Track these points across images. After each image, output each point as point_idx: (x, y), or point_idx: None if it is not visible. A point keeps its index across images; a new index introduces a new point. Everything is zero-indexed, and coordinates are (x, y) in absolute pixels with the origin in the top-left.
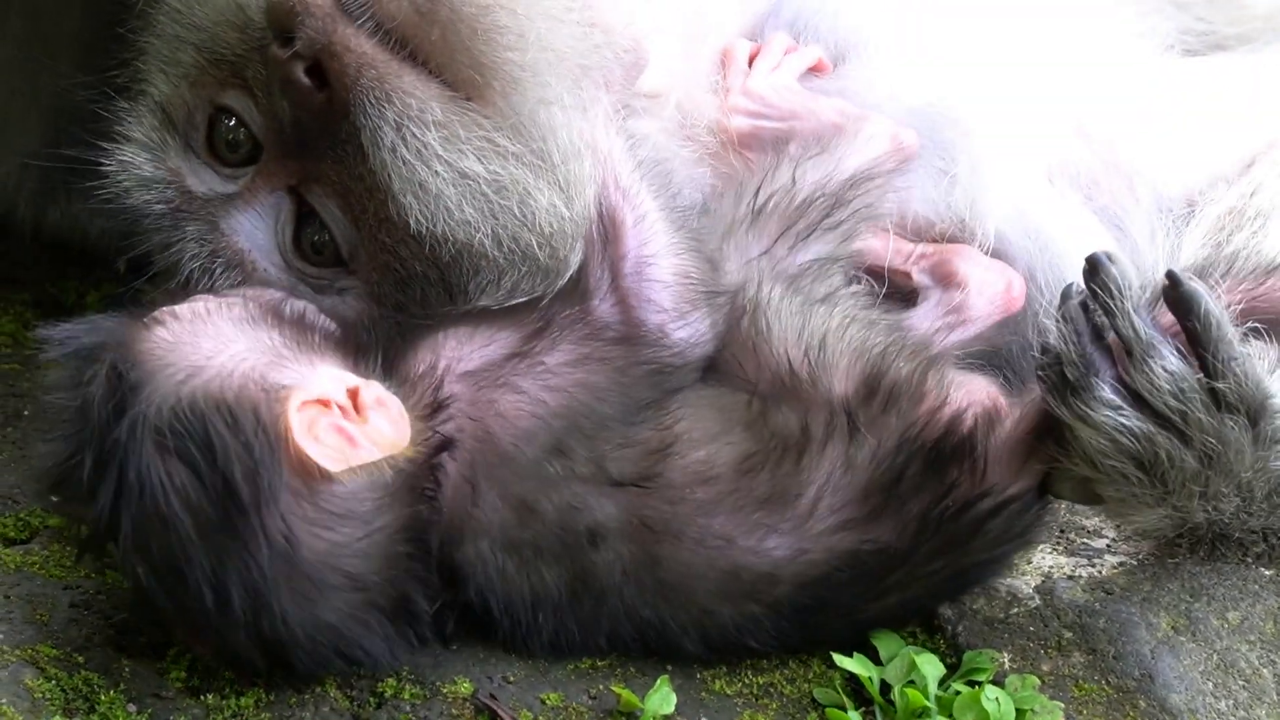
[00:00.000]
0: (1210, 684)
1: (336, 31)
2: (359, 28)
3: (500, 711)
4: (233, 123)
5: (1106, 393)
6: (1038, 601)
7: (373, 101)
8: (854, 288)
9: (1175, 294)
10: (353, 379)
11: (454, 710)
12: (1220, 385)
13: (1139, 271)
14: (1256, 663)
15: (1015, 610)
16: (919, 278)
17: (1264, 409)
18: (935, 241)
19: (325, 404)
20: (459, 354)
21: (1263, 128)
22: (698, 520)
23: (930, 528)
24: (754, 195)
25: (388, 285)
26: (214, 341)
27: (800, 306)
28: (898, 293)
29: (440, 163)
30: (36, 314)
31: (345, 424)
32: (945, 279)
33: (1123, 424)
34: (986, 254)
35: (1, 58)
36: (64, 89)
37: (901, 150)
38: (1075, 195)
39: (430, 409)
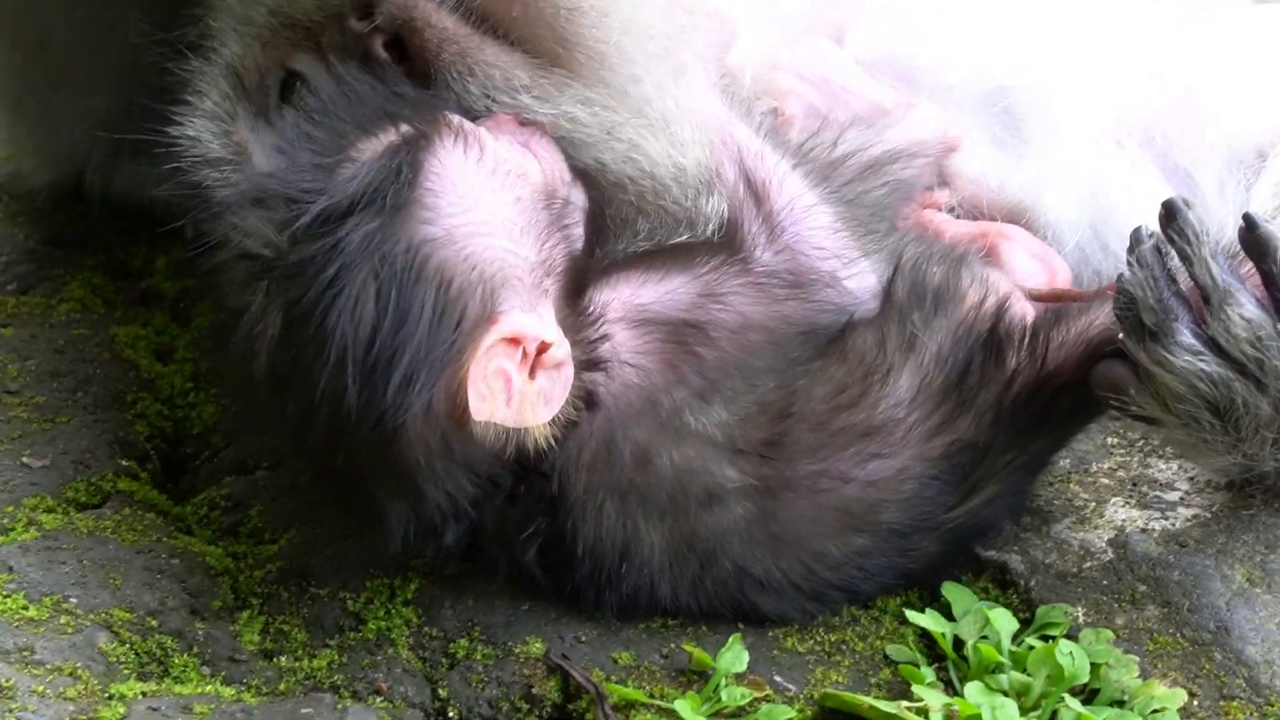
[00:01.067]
0: None
1: (417, 7)
2: (440, 3)
3: (572, 672)
4: (305, 89)
5: (1187, 338)
6: (1111, 555)
7: (455, 75)
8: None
9: (1251, 236)
10: (553, 332)
11: (526, 670)
12: None
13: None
14: None
15: (1088, 564)
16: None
17: None
18: (993, 219)
19: (515, 342)
20: (630, 296)
21: None
22: (809, 467)
23: (1004, 416)
24: (797, 146)
25: None
26: (481, 214)
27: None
28: None
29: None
30: (105, 279)
31: (515, 376)
32: (993, 262)
33: (1202, 369)
34: (1040, 234)
35: (78, 19)
36: (133, 49)
37: (947, 142)
38: (1145, 155)
39: (589, 362)
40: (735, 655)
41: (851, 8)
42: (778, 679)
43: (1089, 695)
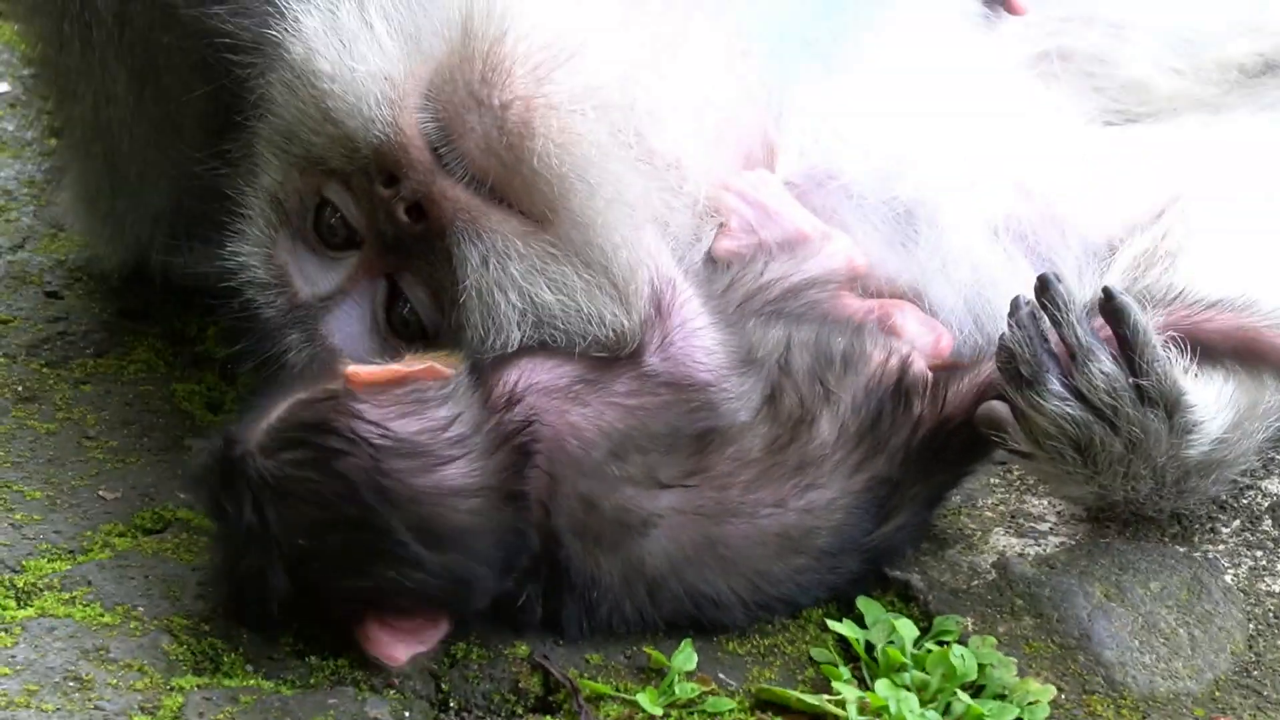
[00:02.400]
0: (1137, 642)
1: (435, 184)
2: (454, 179)
3: (552, 670)
4: (336, 217)
5: (1056, 387)
6: (994, 575)
7: (465, 238)
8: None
9: (1110, 305)
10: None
11: (513, 668)
12: (1145, 383)
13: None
14: (1174, 623)
15: (975, 582)
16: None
17: (1179, 404)
18: (892, 296)
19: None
20: (536, 372)
21: (1169, 184)
22: (748, 497)
23: (912, 455)
24: (729, 274)
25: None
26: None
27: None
28: None
29: (518, 293)
30: (166, 345)
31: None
32: (888, 330)
33: (1068, 413)
34: (928, 310)
35: (139, 135)
36: (185, 156)
37: (854, 270)
38: (1016, 249)
39: (505, 403)
40: (686, 656)
41: (782, 134)
42: (721, 676)
43: (976, 690)
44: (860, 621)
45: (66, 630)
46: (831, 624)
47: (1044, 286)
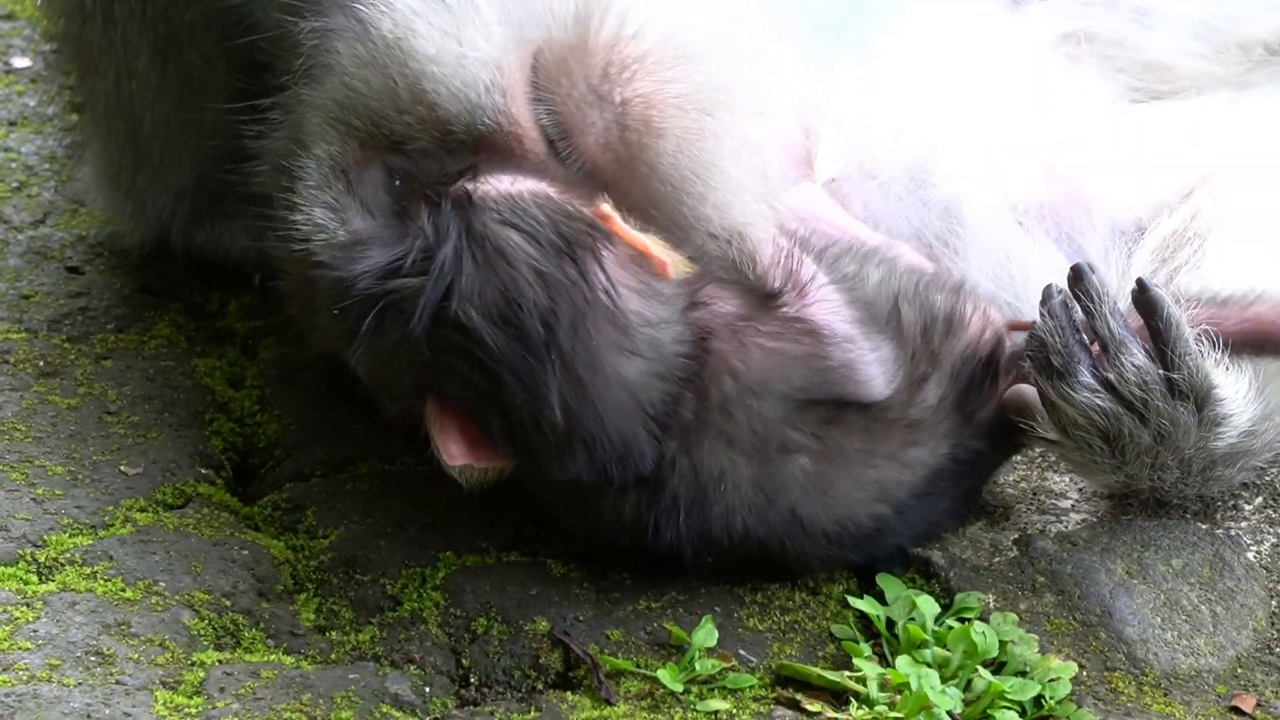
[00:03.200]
0: (1158, 619)
1: (549, 171)
2: (568, 170)
3: (572, 645)
4: (397, 185)
5: (1087, 378)
6: (1015, 552)
7: None
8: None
9: (1143, 297)
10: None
11: (534, 644)
12: (1175, 376)
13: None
14: (1196, 600)
15: (997, 559)
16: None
17: (1209, 397)
18: None
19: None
20: (714, 296)
21: (1198, 162)
22: (860, 448)
23: (995, 430)
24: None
25: None
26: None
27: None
28: None
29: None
30: (187, 320)
31: (647, 236)
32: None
33: (1097, 404)
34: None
35: (161, 113)
36: (207, 133)
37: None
38: (1045, 231)
39: (692, 311)
40: (707, 633)
41: (821, 124)
42: (742, 652)
43: (998, 667)
44: (881, 598)
45: (88, 605)
46: (852, 600)
47: (1077, 277)
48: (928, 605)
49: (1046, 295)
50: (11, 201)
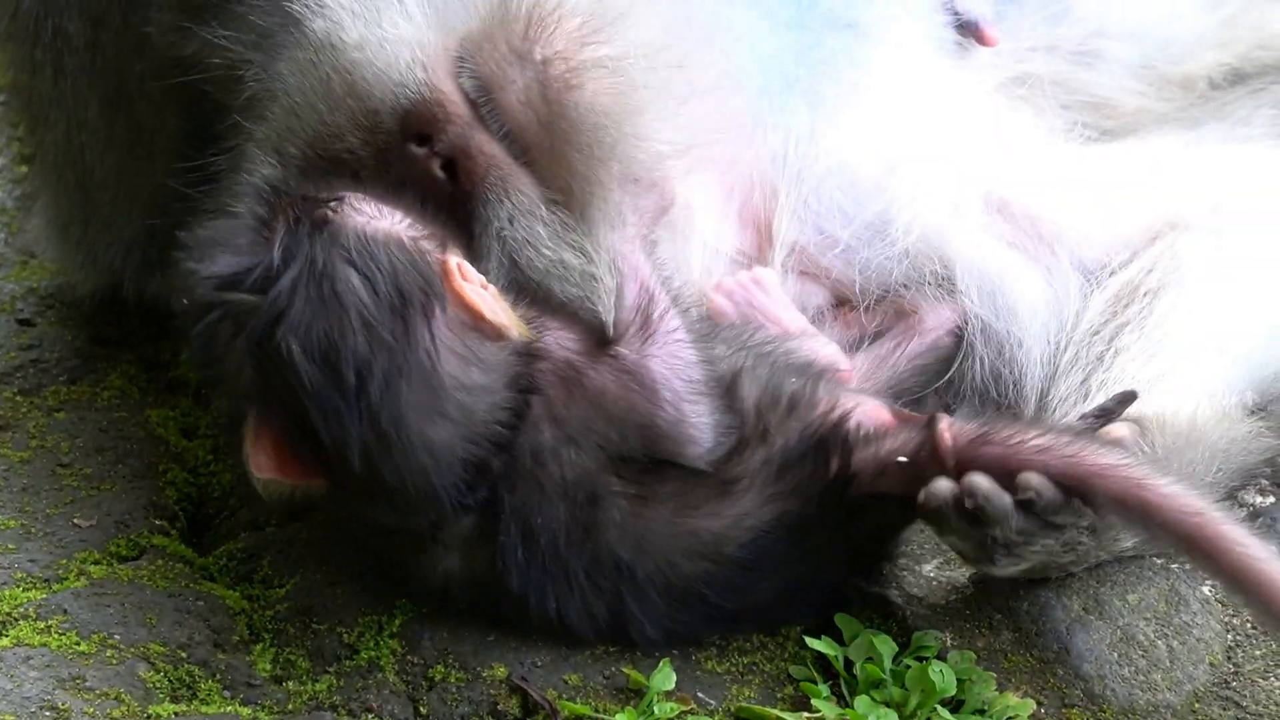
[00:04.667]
0: (1115, 654)
1: (473, 138)
2: (491, 135)
3: (531, 691)
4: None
5: (1001, 561)
6: (971, 590)
7: (493, 197)
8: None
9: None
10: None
11: (492, 690)
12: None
13: (1060, 320)
14: (1152, 636)
15: (954, 597)
16: (885, 324)
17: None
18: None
19: (467, 279)
20: (557, 338)
21: (1161, 205)
22: (675, 497)
23: (824, 503)
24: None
25: None
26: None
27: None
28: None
29: (536, 254)
30: (140, 370)
31: (489, 296)
32: (903, 314)
33: (1012, 571)
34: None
35: (111, 163)
36: (157, 183)
37: (842, 373)
38: (1017, 255)
39: (524, 360)
40: (665, 676)
41: (780, 178)
42: (700, 695)
43: (956, 705)
44: (839, 638)
45: (43, 659)
46: (810, 641)
47: (977, 504)
48: (885, 645)
49: (942, 506)
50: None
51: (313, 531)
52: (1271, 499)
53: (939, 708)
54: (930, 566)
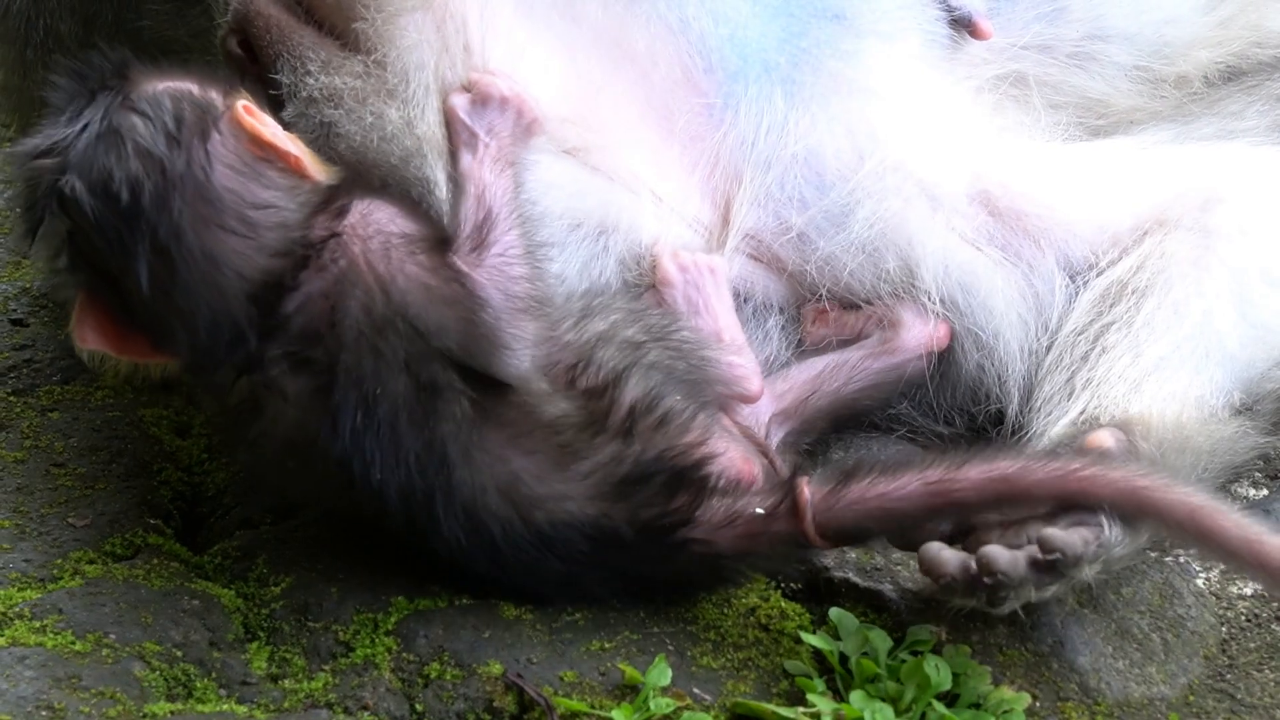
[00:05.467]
0: (1110, 648)
1: (252, 3)
2: None
3: (526, 688)
4: None
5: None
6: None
7: (280, 61)
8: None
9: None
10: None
11: (487, 687)
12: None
13: (1042, 318)
14: (1147, 629)
15: None
16: (867, 329)
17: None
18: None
19: (253, 114)
20: (373, 210)
21: (1149, 201)
22: (514, 428)
23: (647, 529)
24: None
25: None
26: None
27: (621, 350)
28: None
29: (347, 110)
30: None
31: (277, 127)
32: (887, 325)
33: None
34: (922, 307)
35: None
36: None
37: (746, 395)
38: (994, 251)
39: (336, 212)
40: (660, 671)
41: (747, 163)
42: (696, 690)
43: (951, 700)
44: (834, 633)
45: (38, 659)
46: (805, 636)
47: (991, 577)
48: (880, 639)
49: (944, 574)
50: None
51: (307, 529)
52: (1265, 491)
53: (934, 702)
54: None
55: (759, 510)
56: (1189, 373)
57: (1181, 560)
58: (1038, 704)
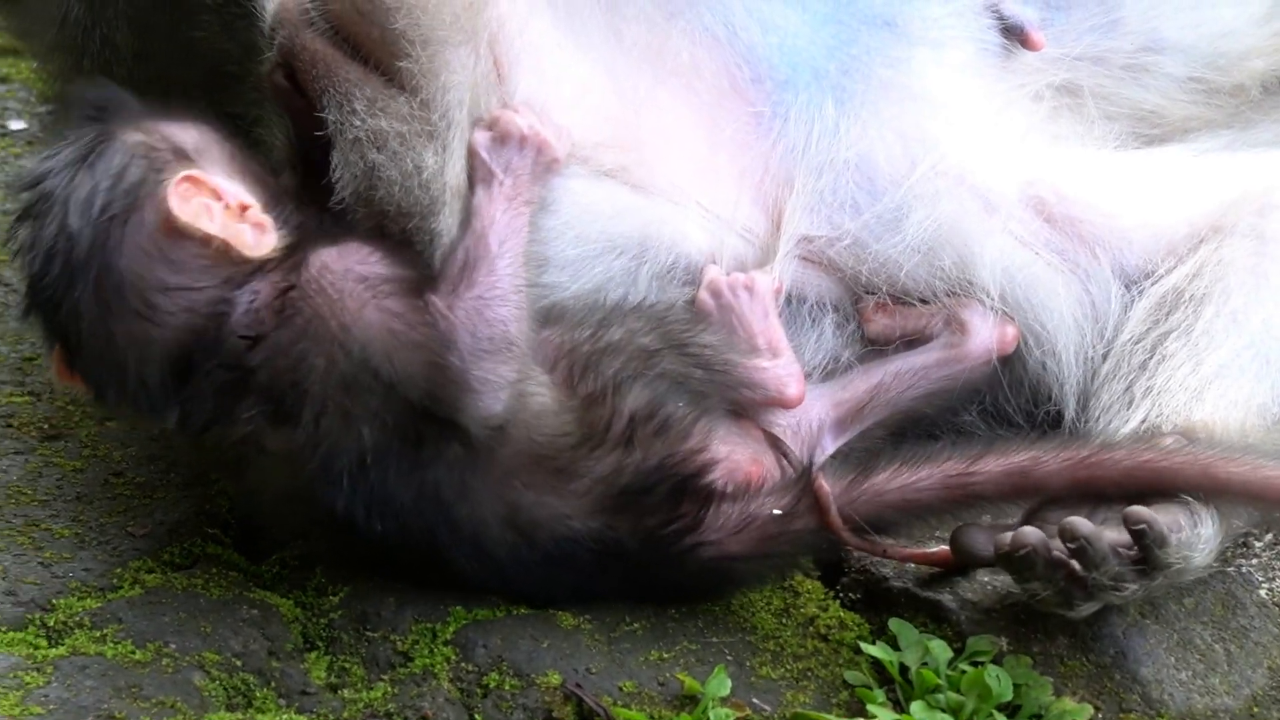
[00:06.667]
0: (1172, 659)
1: (298, 35)
2: (314, 30)
3: (585, 698)
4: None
5: (1080, 604)
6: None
7: (325, 96)
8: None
9: (1141, 541)
10: (250, 199)
11: (546, 698)
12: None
13: (1099, 326)
14: (1209, 639)
15: (1008, 602)
16: (932, 326)
17: (1182, 568)
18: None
19: (216, 194)
20: (343, 254)
21: (1205, 210)
22: (511, 463)
23: (653, 539)
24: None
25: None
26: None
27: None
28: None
29: (360, 157)
30: None
31: (215, 205)
32: (954, 326)
33: (1084, 613)
34: (988, 309)
35: None
36: None
37: (783, 400)
38: (1051, 256)
39: (291, 266)
40: (720, 682)
41: (798, 171)
42: (755, 701)
43: (1012, 711)
44: (894, 643)
45: (99, 668)
46: (865, 646)
47: (1075, 542)
48: (940, 650)
49: (1026, 545)
50: (12, 265)
51: None
52: None
53: (995, 713)
54: (984, 571)
55: (775, 511)
56: (1250, 380)
57: (1244, 571)
58: (1100, 715)
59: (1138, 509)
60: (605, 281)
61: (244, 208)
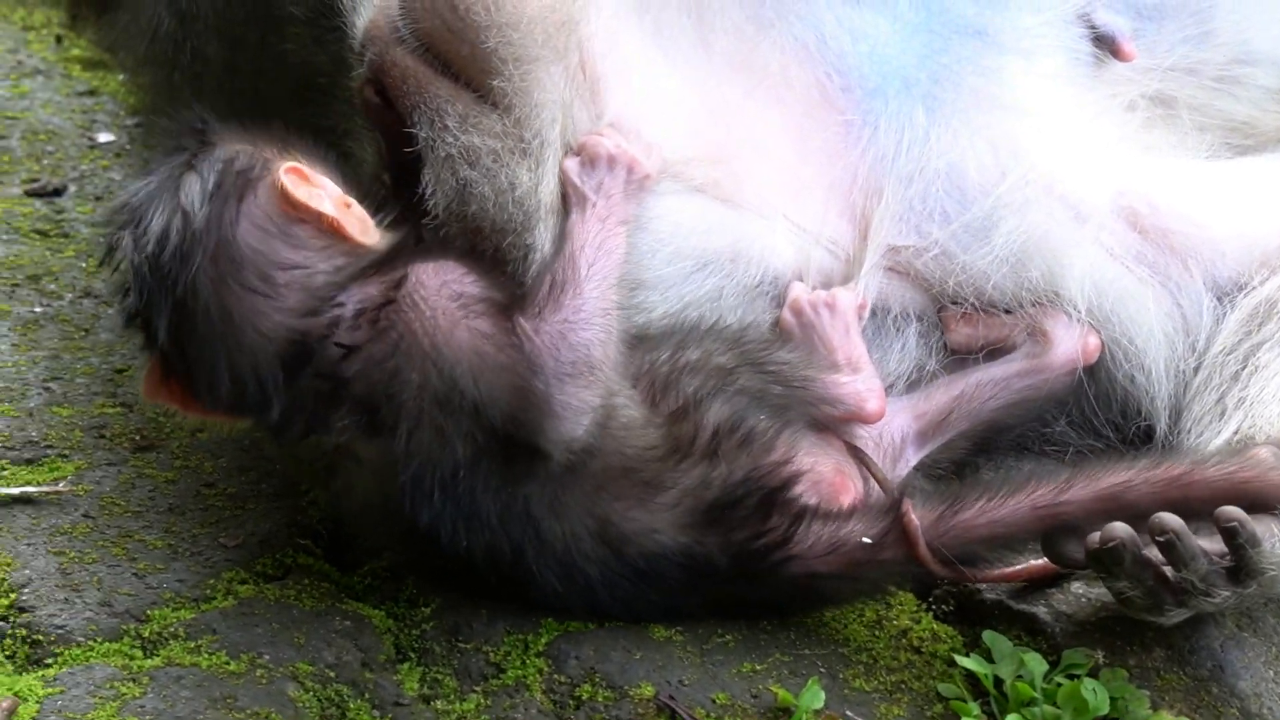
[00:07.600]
0: (1271, 672)
1: (389, 53)
2: (406, 48)
3: (679, 710)
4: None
5: (1172, 611)
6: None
7: (415, 111)
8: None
9: (1232, 543)
10: (350, 197)
11: (639, 710)
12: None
13: (1190, 338)
14: None
15: (1104, 614)
16: (1015, 337)
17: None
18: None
19: (320, 185)
20: (439, 271)
21: None
22: (601, 476)
23: (742, 554)
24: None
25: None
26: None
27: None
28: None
29: (452, 172)
30: None
31: (322, 191)
32: (1036, 336)
33: (1175, 619)
34: (1071, 319)
35: None
36: None
37: (864, 415)
38: (1141, 269)
39: (394, 280)
40: (813, 694)
41: (887, 180)
42: (849, 713)
43: None
44: (988, 656)
45: (194, 679)
46: (959, 659)
47: (1167, 543)
48: (1035, 662)
49: (1114, 539)
50: (101, 275)
51: None
52: None
53: None
54: (1079, 583)
55: (865, 540)
56: None
57: None
58: None
59: (1230, 508)
60: (695, 299)
61: (346, 203)
